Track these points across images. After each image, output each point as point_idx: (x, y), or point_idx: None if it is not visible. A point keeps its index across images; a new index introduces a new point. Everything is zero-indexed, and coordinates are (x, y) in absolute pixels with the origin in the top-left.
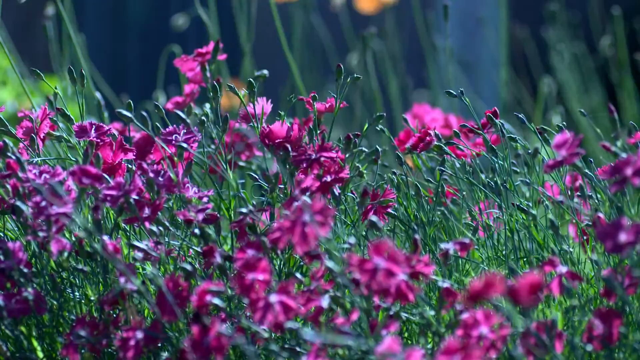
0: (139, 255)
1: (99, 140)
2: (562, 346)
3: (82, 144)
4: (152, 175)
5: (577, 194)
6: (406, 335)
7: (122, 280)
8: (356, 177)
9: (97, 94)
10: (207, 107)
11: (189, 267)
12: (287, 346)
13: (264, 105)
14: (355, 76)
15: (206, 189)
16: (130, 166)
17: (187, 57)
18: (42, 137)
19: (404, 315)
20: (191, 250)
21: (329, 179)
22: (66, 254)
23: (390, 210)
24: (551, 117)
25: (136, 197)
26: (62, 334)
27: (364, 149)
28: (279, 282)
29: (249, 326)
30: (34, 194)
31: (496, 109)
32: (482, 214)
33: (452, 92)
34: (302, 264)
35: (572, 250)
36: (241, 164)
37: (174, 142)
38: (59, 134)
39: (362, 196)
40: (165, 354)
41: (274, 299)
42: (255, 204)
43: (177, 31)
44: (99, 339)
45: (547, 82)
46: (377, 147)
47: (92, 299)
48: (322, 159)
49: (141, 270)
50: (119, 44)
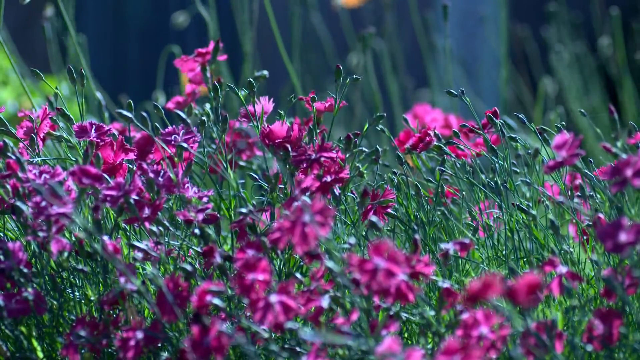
0: (139, 255)
1: (99, 140)
2: (562, 346)
3: (82, 144)
4: (152, 175)
5: (577, 194)
6: (406, 335)
7: (122, 280)
8: (356, 177)
9: (98, 94)
10: (207, 106)
11: (189, 267)
12: (287, 346)
13: (264, 104)
14: (354, 77)
15: (206, 189)
16: (131, 166)
17: (187, 58)
18: (42, 137)
19: (404, 315)
20: (191, 250)
21: (329, 179)
22: (66, 254)
23: (390, 210)
24: (551, 117)
25: (136, 197)
26: (62, 334)
27: (364, 149)
28: (279, 282)
29: (249, 326)
30: (34, 194)
31: (496, 109)
32: (482, 214)
33: (453, 92)
34: (302, 264)
35: (572, 250)
36: (241, 164)
37: (173, 142)
38: (59, 134)
39: (362, 196)
40: (165, 354)
41: (274, 299)
42: (255, 204)
43: (177, 29)
44: (99, 339)
45: (547, 82)
46: (377, 147)
47: (92, 299)
48: (322, 159)
49: (141, 270)
50: (119, 44)
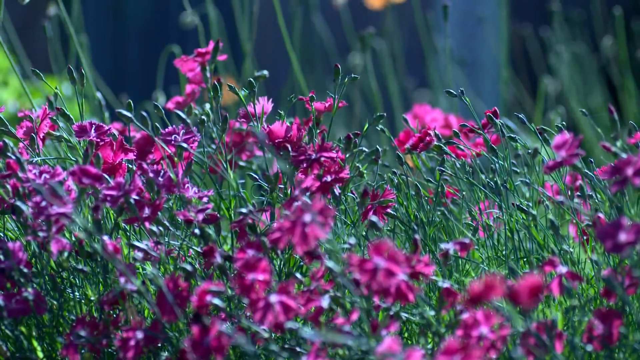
0: (139, 255)
1: (99, 140)
2: (562, 346)
3: (82, 144)
4: (152, 175)
5: (577, 194)
6: (406, 335)
7: (122, 280)
8: (356, 177)
9: (98, 94)
10: (207, 106)
11: (189, 267)
12: (287, 346)
13: (264, 104)
14: (353, 76)
15: (206, 189)
16: (130, 166)
17: (187, 58)
18: (42, 137)
19: (404, 315)
20: (191, 250)
21: (329, 179)
22: (66, 254)
23: (390, 210)
24: (552, 117)
25: (136, 197)
26: (62, 334)
27: (364, 149)
28: (279, 282)
29: (249, 326)
30: (34, 194)
31: (496, 108)
32: (482, 214)
33: (452, 92)
34: (302, 264)
35: (572, 250)
36: (241, 164)
37: (173, 142)
38: (59, 134)
39: (362, 196)
40: (165, 354)
41: (274, 299)
42: (255, 204)
43: (182, 28)
44: (99, 339)
45: (547, 82)
46: (377, 147)
47: (92, 299)
48: (322, 159)
49: (141, 270)
50: (119, 44)
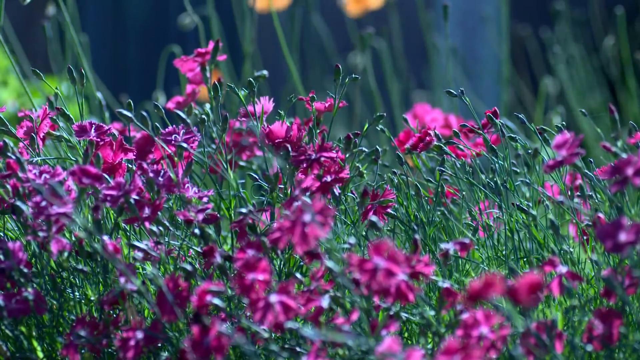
0: (139, 255)
1: (99, 139)
2: (562, 346)
3: (82, 144)
4: (152, 175)
5: (577, 194)
6: (406, 335)
7: (122, 280)
8: (356, 177)
9: (98, 94)
10: (207, 106)
11: (189, 267)
12: (287, 346)
13: (264, 104)
14: (353, 76)
15: (206, 189)
16: (130, 166)
17: (187, 58)
18: (42, 137)
19: (404, 315)
20: (191, 250)
21: (329, 179)
22: (66, 254)
23: (390, 210)
24: (552, 117)
25: (136, 197)
26: (62, 334)
27: (364, 149)
28: (279, 282)
29: (249, 326)
30: (34, 194)
31: (496, 108)
32: (482, 214)
33: (453, 92)
34: (302, 264)
35: (572, 250)
36: (241, 164)
37: (173, 142)
38: (59, 134)
39: (362, 196)
40: (165, 354)
41: (274, 299)
42: (255, 204)
43: (181, 30)
44: (99, 339)
45: (548, 82)
46: (377, 147)
47: (92, 299)
48: (322, 159)
49: (141, 270)
50: (119, 44)
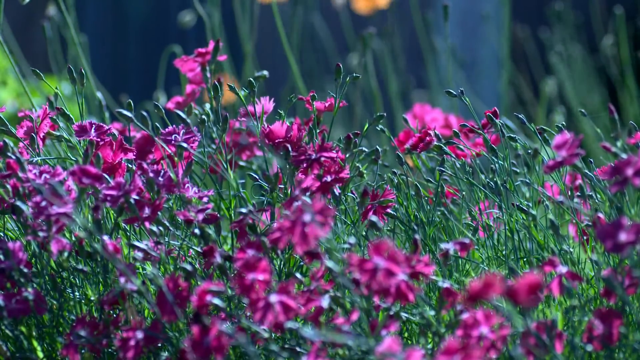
0: (139, 255)
1: (99, 139)
2: (562, 346)
3: (82, 144)
4: (152, 175)
5: (577, 194)
6: (406, 335)
7: (122, 280)
8: (356, 177)
9: (98, 94)
10: (207, 106)
11: (189, 267)
12: (287, 346)
13: (264, 104)
14: (354, 75)
15: (206, 189)
16: (130, 166)
17: (187, 58)
18: (42, 137)
19: (404, 315)
20: (191, 250)
21: (329, 179)
22: (66, 254)
23: (390, 210)
24: (553, 117)
25: (136, 197)
26: (62, 334)
27: (364, 149)
28: (279, 282)
29: (249, 326)
30: (34, 194)
31: (496, 109)
32: (482, 214)
33: (452, 92)
34: (302, 264)
35: (572, 250)
36: (241, 164)
37: (173, 142)
38: (59, 134)
39: (362, 196)
40: (165, 354)
41: (274, 299)
42: (255, 204)
43: (182, 28)
44: (99, 339)
45: (549, 82)
46: (377, 147)
47: (92, 299)
48: (322, 159)
49: (141, 270)
50: (119, 44)
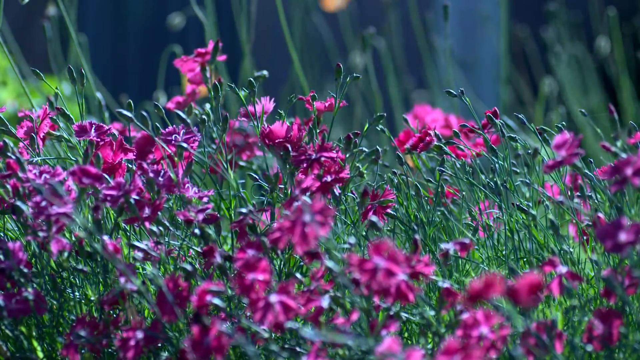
0: (139, 255)
1: (99, 139)
2: (562, 346)
3: (82, 144)
4: (152, 175)
5: (577, 194)
6: (406, 335)
7: (122, 280)
8: (356, 177)
9: (98, 94)
10: (207, 106)
11: (189, 267)
12: (287, 346)
13: (265, 104)
14: (354, 75)
15: (206, 189)
16: (130, 166)
17: (187, 58)
18: (42, 137)
19: (404, 315)
20: (191, 250)
21: (329, 179)
22: (66, 254)
23: (390, 210)
24: (552, 118)
25: (136, 197)
26: (62, 334)
27: (364, 149)
28: (279, 282)
29: (249, 326)
30: (34, 194)
31: (496, 109)
32: (482, 214)
33: (452, 92)
34: (302, 264)
35: (572, 250)
36: (241, 164)
37: (173, 142)
38: (59, 134)
39: (362, 196)
40: (165, 354)
41: (274, 299)
42: (255, 204)
43: (174, 30)
44: (99, 339)
45: (548, 82)
46: (377, 147)
47: (92, 299)
48: (323, 159)
49: (141, 270)
50: (119, 44)
